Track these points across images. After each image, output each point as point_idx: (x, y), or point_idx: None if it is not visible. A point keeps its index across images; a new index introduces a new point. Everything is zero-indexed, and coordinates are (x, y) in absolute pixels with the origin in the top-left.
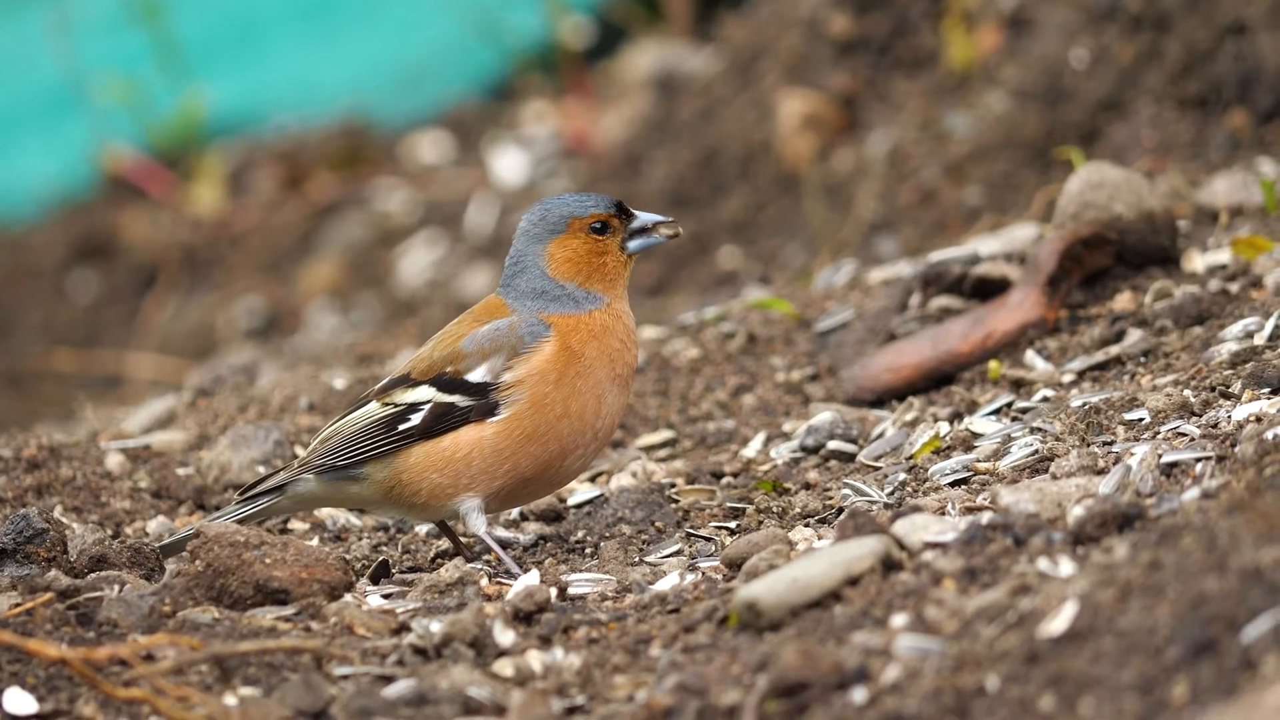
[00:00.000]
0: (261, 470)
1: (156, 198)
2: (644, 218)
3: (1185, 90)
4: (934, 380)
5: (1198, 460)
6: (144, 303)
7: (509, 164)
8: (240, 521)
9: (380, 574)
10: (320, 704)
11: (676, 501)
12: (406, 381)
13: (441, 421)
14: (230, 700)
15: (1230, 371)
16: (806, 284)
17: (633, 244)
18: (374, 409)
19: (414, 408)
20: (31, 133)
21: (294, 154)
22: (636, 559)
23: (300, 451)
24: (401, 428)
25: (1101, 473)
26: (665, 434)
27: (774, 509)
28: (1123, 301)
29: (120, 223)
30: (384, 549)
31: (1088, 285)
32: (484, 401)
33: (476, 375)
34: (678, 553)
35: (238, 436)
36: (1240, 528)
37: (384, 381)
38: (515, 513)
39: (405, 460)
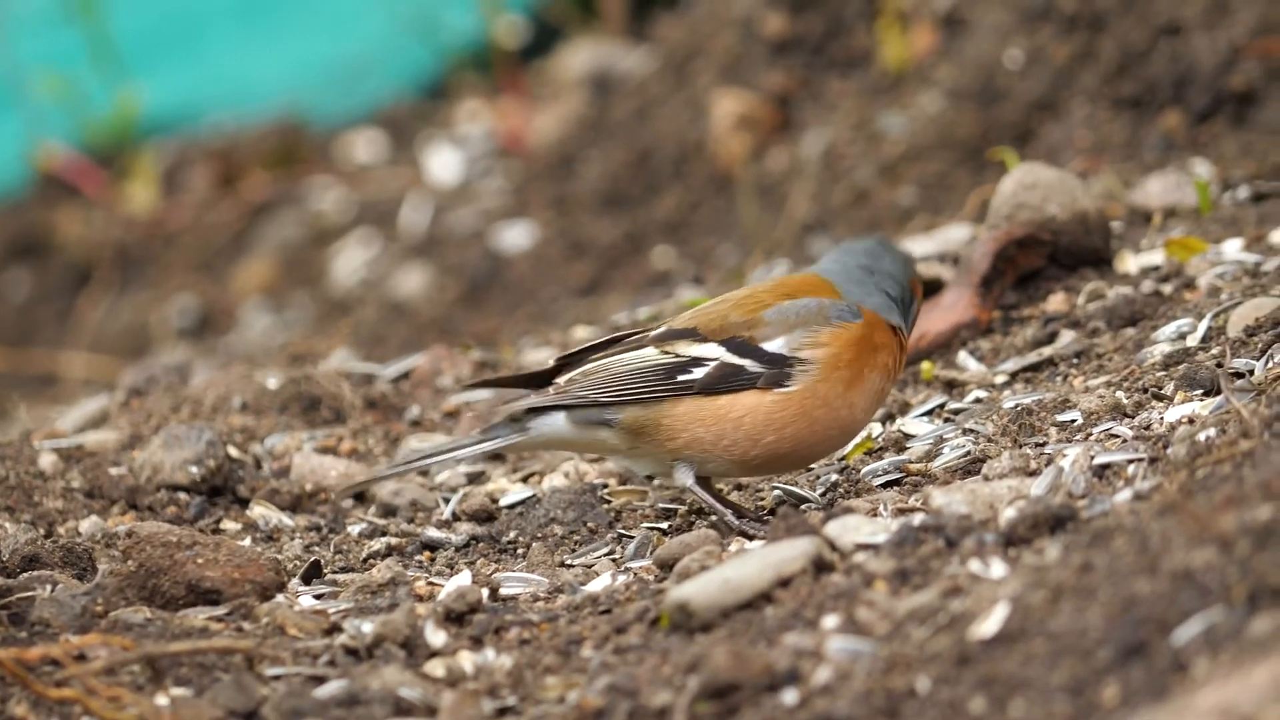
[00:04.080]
0: (194, 471)
1: (90, 196)
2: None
3: (1120, 91)
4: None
5: (1130, 462)
6: (77, 301)
7: (443, 163)
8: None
9: (312, 574)
10: (252, 704)
11: (609, 502)
12: (693, 335)
13: (725, 381)
14: (162, 700)
15: (1163, 373)
16: (740, 284)
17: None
18: (651, 354)
19: (698, 361)
20: None
21: (228, 152)
22: (568, 560)
23: (234, 453)
24: (681, 378)
25: (1034, 474)
26: None
27: (706, 509)
28: (1056, 302)
29: (54, 221)
30: (316, 549)
31: (1021, 286)
32: (774, 371)
33: (774, 346)
34: (610, 553)
35: (170, 436)
36: (1172, 530)
37: (660, 330)
38: (447, 512)
39: (672, 409)
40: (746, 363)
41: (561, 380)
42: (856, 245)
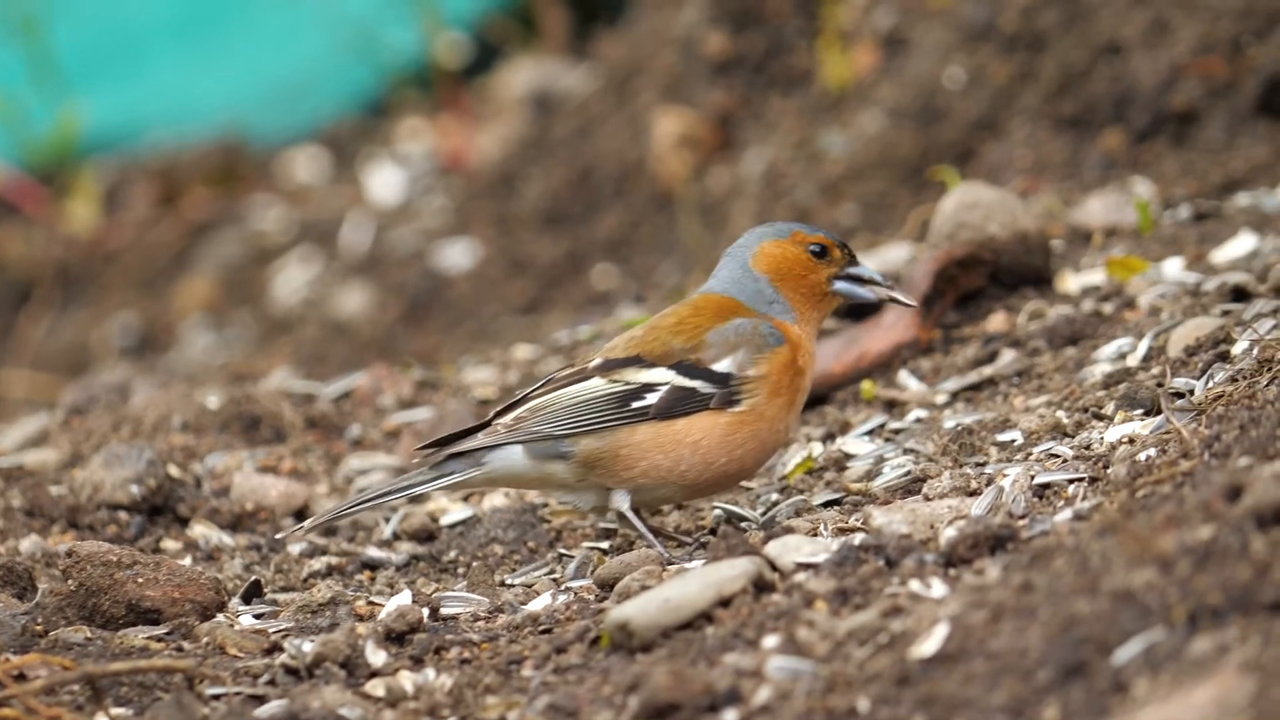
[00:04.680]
0: (135, 490)
1: (31, 214)
2: (865, 268)
3: (1060, 110)
4: (808, 400)
5: (1070, 481)
6: (18, 320)
7: (384, 182)
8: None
9: (252, 594)
10: None
11: (549, 522)
12: (639, 363)
13: (679, 405)
14: None
15: (1103, 392)
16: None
17: (840, 284)
18: (599, 384)
19: (650, 387)
20: None
21: (169, 171)
22: (509, 579)
23: (175, 472)
24: (635, 405)
25: (974, 494)
26: None
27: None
28: (996, 322)
29: None
30: (256, 569)
31: (962, 306)
32: (725, 391)
33: (722, 366)
34: (550, 573)
35: (111, 455)
36: (1112, 550)
37: (598, 362)
38: (388, 532)
39: (629, 437)
40: (698, 384)
41: (509, 419)
42: (730, 254)
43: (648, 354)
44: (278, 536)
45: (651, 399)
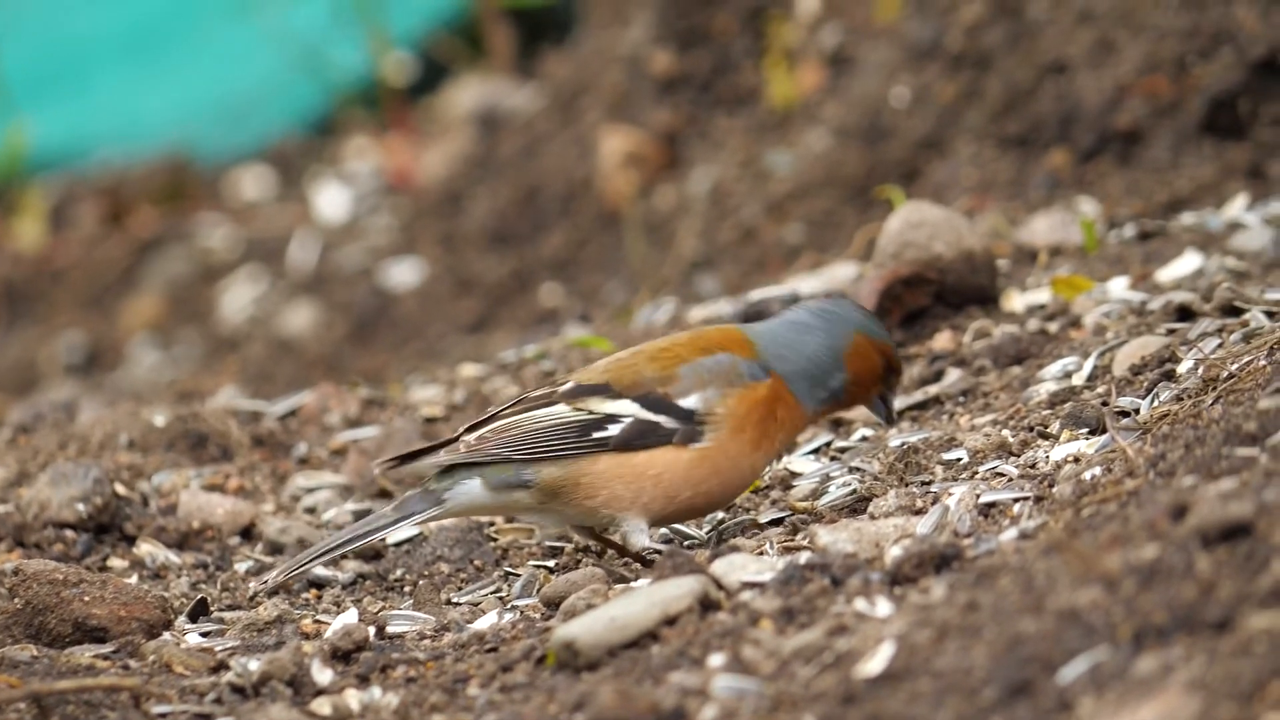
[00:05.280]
0: (81, 508)
1: None
2: (895, 393)
3: (1005, 129)
4: None
5: (1016, 500)
6: None
7: (331, 200)
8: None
9: (199, 612)
10: None
11: (495, 540)
12: (606, 391)
13: (641, 439)
14: None
15: (1049, 411)
16: (627, 322)
17: (877, 401)
18: (564, 411)
19: (613, 418)
20: None
21: (116, 188)
22: (455, 598)
23: (122, 490)
24: (596, 435)
25: (919, 513)
26: None
27: (592, 548)
28: (942, 341)
29: None
30: (203, 587)
31: (907, 324)
32: (689, 427)
33: (689, 401)
34: (496, 591)
35: (58, 474)
36: (1057, 569)
37: (570, 386)
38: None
39: (590, 466)
40: (661, 419)
41: (471, 438)
42: (806, 306)
43: (616, 383)
44: (256, 586)
45: (613, 430)
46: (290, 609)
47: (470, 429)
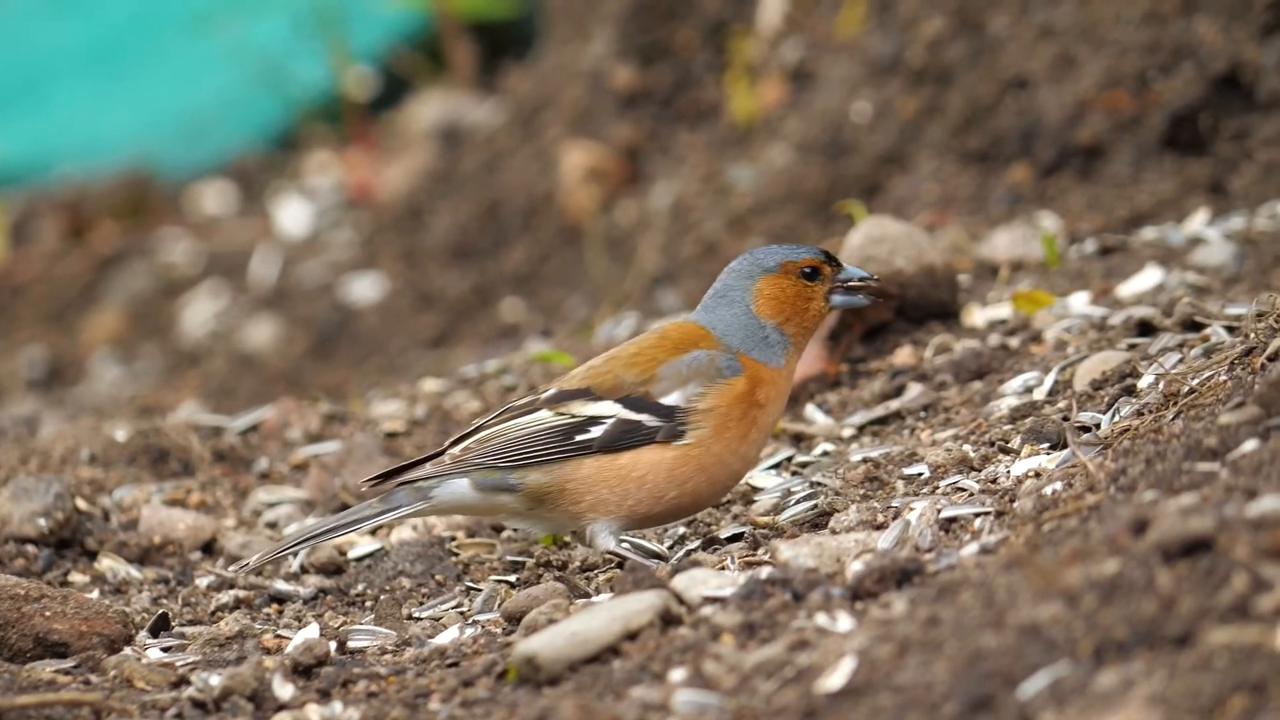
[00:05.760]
0: (42, 523)
1: None
2: (850, 271)
3: (967, 144)
4: None
5: (977, 515)
6: None
7: (292, 215)
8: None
9: (160, 627)
10: None
11: (457, 555)
12: (588, 395)
13: (624, 438)
14: None
15: (1010, 426)
16: (588, 337)
17: (837, 298)
18: (546, 417)
19: (595, 420)
20: None
21: (77, 204)
22: (416, 613)
23: (83, 505)
24: (579, 438)
25: (881, 528)
26: None
27: (554, 562)
28: (903, 356)
29: None
30: (164, 602)
31: (868, 339)
32: (671, 424)
33: (670, 399)
34: (457, 606)
35: (19, 489)
36: (1018, 584)
37: (551, 392)
38: (295, 565)
39: (575, 471)
40: (644, 417)
41: (456, 450)
42: (720, 282)
43: (597, 387)
44: (231, 569)
45: (596, 432)
46: (251, 624)
47: (455, 441)
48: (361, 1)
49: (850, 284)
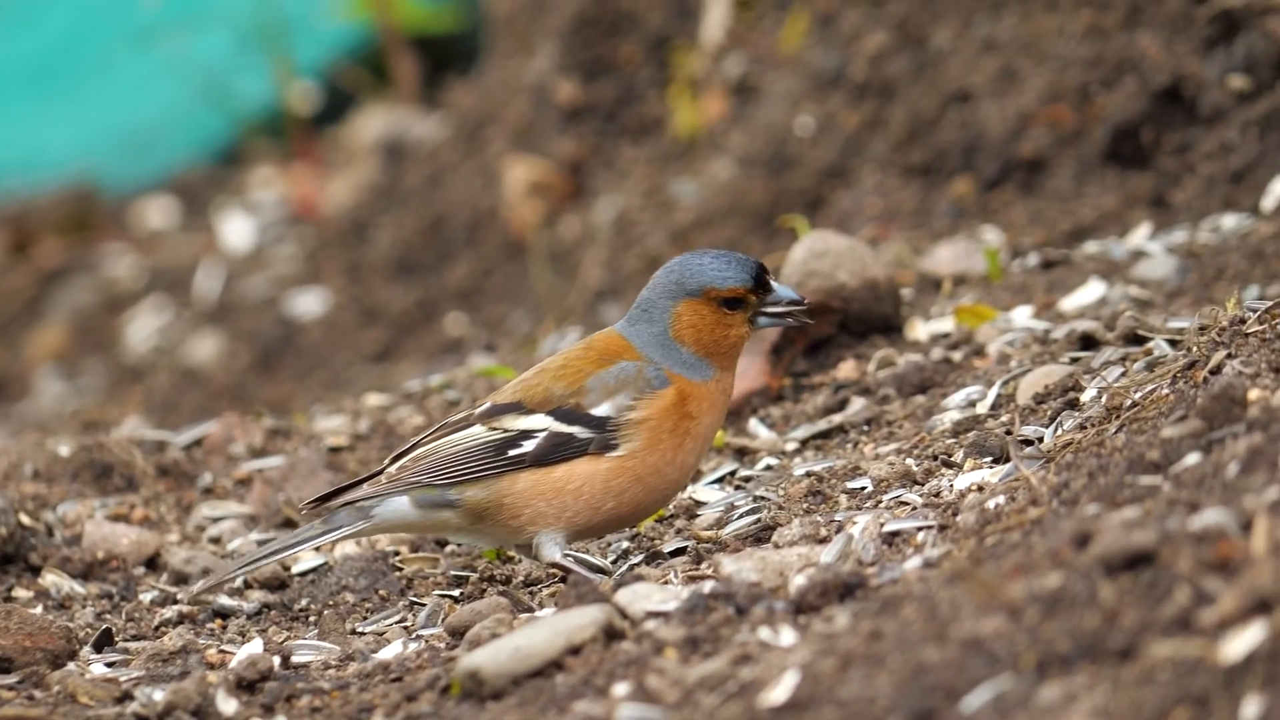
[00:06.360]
0: None
1: None
2: (780, 293)
3: (910, 158)
4: None
5: (919, 529)
6: None
7: (237, 230)
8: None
9: (103, 642)
10: None
11: (400, 570)
12: (519, 409)
13: (557, 451)
14: None
15: (953, 440)
16: (532, 351)
17: (762, 320)
18: (480, 432)
19: (527, 434)
20: None
21: (21, 219)
22: (360, 627)
23: (26, 520)
24: (512, 453)
25: (824, 541)
26: None
27: (498, 577)
28: (846, 370)
29: None
30: (108, 617)
31: (811, 353)
32: (603, 436)
33: (600, 410)
34: (401, 621)
35: None
36: (961, 597)
37: (485, 407)
38: (240, 580)
39: (511, 485)
40: (575, 429)
41: (393, 469)
42: (647, 292)
43: (529, 400)
44: (180, 597)
45: (528, 446)
46: (195, 639)
47: (394, 459)
48: (305, 16)
49: (779, 310)
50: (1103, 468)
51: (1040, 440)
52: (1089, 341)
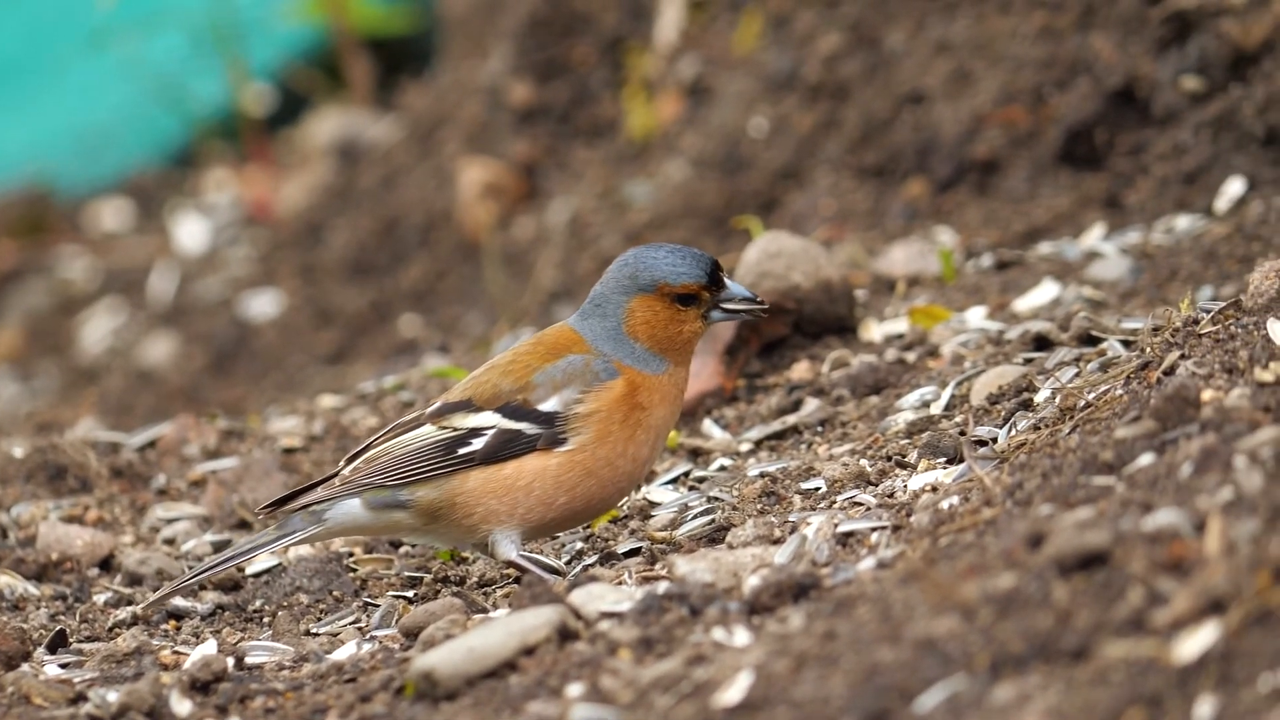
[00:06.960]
0: None
1: None
2: (734, 290)
3: (863, 159)
4: None
5: (873, 530)
6: None
7: (191, 232)
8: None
9: (57, 643)
10: None
11: (354, 570)
12: (468, 407)
13: (506, 448)
14: None
15: (906, 441)
16: (486, 352)
17: (716, 314)
18: (429, 431)
19: (476, 432)
20: None
21: None
22: (314, 628)
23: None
24: (461, 451)
25: (778, 542)
26: None
27: (452, 578)
28: (800, 371)
29: None
30: (62, 618)
31: (765, 354)
32: (551, 431)
33: (548, 405)
34: (355, 622)
35: None
36: (915, 598)
37: (435, 406)
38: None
39: (462, 484)
40: (523, 426)
41: (347, 471)
42: (600, 285)
43: (478, 397)
44: (139, 608)
45: (477, 444)
46: (149, 640)
47: (348, 461)
48: (259, 18)
49: (733, 306)
50: (1056, 468)
51: (994, 441)
52: (1043, 342)
